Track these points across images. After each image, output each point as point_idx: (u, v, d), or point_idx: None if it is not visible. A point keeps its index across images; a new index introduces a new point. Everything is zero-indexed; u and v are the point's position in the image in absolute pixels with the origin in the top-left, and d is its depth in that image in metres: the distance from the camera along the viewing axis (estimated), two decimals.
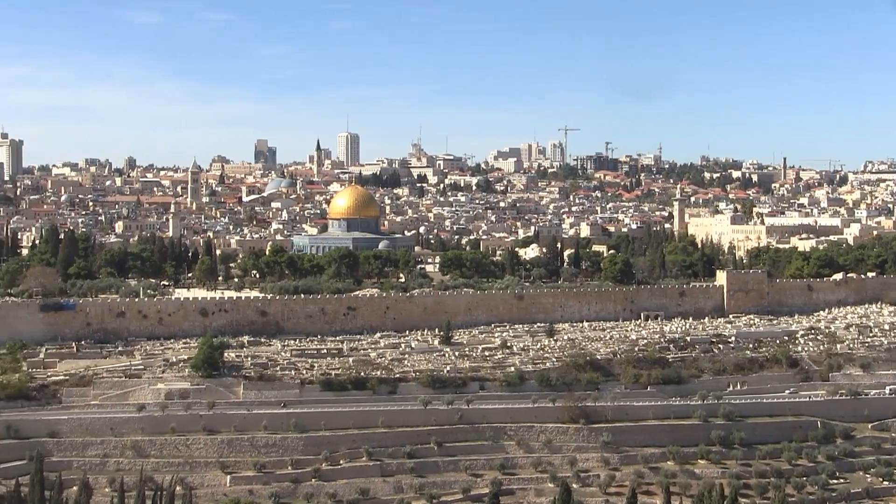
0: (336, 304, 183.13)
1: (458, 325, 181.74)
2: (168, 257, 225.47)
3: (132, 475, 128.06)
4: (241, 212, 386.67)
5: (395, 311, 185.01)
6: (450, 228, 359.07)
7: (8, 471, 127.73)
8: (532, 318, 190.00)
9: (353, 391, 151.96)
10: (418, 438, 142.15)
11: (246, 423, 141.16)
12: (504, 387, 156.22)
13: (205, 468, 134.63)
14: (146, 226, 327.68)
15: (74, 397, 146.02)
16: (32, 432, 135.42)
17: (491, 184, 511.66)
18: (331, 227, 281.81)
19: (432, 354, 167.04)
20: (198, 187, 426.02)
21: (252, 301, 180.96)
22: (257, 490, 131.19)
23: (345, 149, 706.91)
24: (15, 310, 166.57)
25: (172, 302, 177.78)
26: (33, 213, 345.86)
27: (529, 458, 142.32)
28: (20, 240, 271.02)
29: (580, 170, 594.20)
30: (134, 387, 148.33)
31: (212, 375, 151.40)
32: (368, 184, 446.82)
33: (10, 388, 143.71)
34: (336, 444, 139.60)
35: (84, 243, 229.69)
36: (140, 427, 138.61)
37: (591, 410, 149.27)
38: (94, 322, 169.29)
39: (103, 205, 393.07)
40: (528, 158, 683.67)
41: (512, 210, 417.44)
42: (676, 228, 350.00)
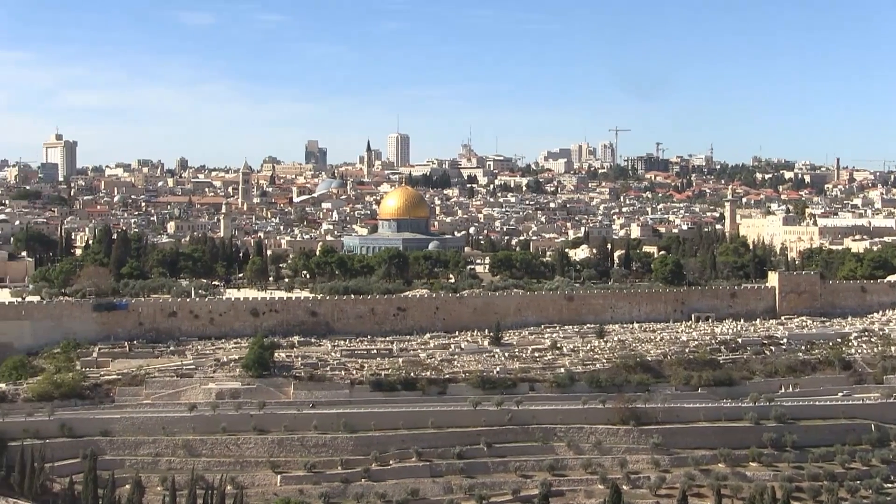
0: (386, 304, 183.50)
1: (508, 326, 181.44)
2: (219, 258, 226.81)
3: (183, 474, 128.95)
4: (292, 212, 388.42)
5: (445, 311, 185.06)
6: (500, 229, 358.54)
7: (62, 469, 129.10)
8: (582, 319, 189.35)
9: (403, 392, 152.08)
10: (468, 439, 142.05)
11: (296, 423, 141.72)
12: (554, 388, 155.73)
13: (255, 468, 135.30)
14: (198, 226, 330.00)
15: (127, 396, 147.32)
16: (86, 431, 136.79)
17: (541, 184, 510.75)
18: (381, 227, 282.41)
19: (482, 355, 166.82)
20: (249, 188, 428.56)
21: (302, 301, 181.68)
22: (307, 490, 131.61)
23: (395, 149, 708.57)
24: (69, 309, 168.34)
25: (223, 302, 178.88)
26: (87, 214, 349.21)
27: (579, 459, 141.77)
28: (74, 240, 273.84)
29: (631, 170, 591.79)
30: (185, 386, 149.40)
31: (262, 375, 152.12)
32: (418, 184, 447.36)
33: (64, 386, 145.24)
34: (386, 444, 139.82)
35: (136, 243, 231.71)
36: (191, 426, 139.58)
37: (641, 412, 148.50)
38: (147, 322, 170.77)
39: (155, 205, 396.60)
40: (579, 159, 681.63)
41: (562, 211, 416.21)
42: (728, 229, 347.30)
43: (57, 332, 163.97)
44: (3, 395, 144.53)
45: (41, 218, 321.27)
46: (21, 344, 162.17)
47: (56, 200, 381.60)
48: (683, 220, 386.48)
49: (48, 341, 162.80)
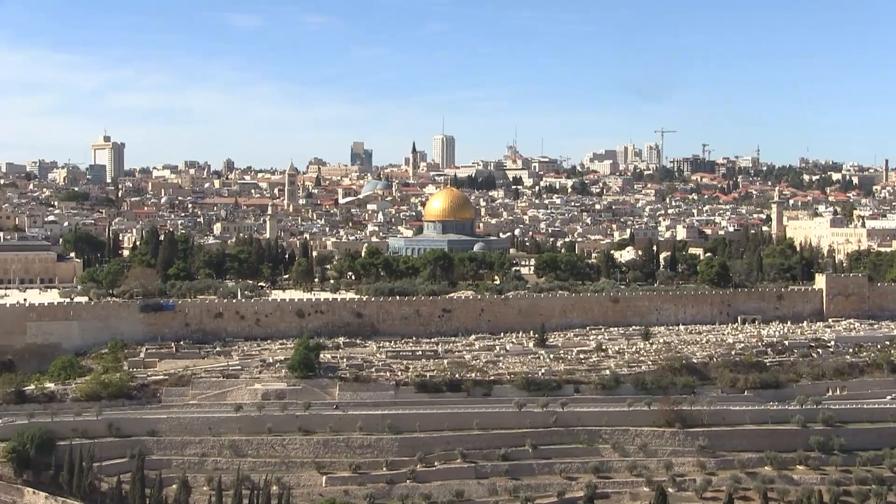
0: (431, 305, 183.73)
1: (553, 328, 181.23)
2: (265, 259, 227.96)
3: (230, 474, 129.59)
4: (338, 214, 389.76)
5: (490, 313, 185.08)
6: (545, 231, 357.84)
7: (109, 468, 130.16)
8: (627, 320, 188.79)
9: (448, 393, 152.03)
10: (513, 441, 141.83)
11: (341, 424, 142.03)
12: (599, 390, 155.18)
13: (301, 468, 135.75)
14: (244, 227, 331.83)
15: (174, 397, 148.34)
16: (133, 431, 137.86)
17: (586, 186, 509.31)
18: (426, 229, 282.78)
19: (527, 357, 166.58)
20: (295, 189, 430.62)
21: (348, 302, 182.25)
22: (353, 490, 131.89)
23: (440, 151, 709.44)
24: (116, 310, 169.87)
25: (269, 303, 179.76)
26: (134, 215, 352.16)
27: (625, 461, 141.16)
28: (121, 241, 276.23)
29: (676, 172, 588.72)
30: (231, 387, 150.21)
31: (308, 376, 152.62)
32: (464, 186, 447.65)
33: (112, 386, 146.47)
34: (431, 445, 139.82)
35: (183, 244, 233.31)
36: (237, 427, 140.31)
37: (686, 414, 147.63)
38: (193, 322, 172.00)
39: (202, 206, 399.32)
40: (624, 160, 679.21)
41: (607, 212, 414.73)
42: (774, 231, 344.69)
43: (105, 333, 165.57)
44: (52, 394, 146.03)
45: (89, 219, 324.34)
46: (69, 344, 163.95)
47: (104, 202, 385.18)
48: (729, 222, 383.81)
49: (96, 342, 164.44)
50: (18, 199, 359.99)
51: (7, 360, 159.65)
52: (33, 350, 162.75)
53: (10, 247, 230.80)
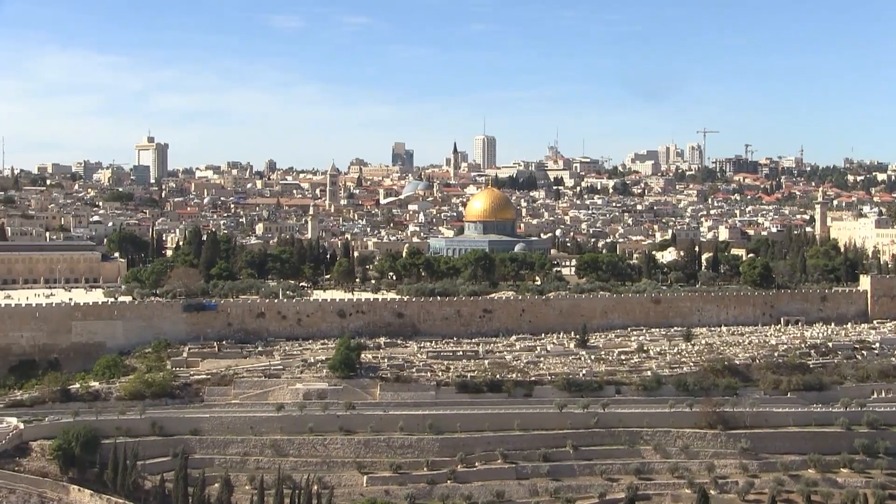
0: (472, 306, 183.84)
1: (594, 329, 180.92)
2: (307, 259, 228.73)
3: (271, 474, 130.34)
4: (379, 214, 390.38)
5: (531, 313, 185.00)
6: (586, 231, 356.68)
7: (153, 467, 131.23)
8: (669, 321, 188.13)
9: (489, 393, 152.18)
10: (554, 442, 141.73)
11: (382, 424, 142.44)
12: (640, 391, 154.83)
13: (342, 468, 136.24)
14: (285, 228, 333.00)
15: (216, 396, 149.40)
16: (176, 430, 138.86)
17: (628, 186, 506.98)
18: (467, 229, 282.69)
19: (568, 357, 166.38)
20: (336, 190, 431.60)
21: (389, 303, 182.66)
22: (393, 491, 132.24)
23: (481, 151, 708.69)
24: (160, 310, 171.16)
25: (311, 303, 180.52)
26: (177, 215, 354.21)
27: (666, 463, 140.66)
28: (165, 241, 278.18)
29: (719, 172, 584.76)
30: (273, 386, 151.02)
31: (349, 376, 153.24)
32: (505, 186, 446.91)
33: (156, 385, 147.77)
34: (471, 446, 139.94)
35: (225, 245, 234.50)
36: (279, 426, 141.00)
37: (729, 416, 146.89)
38: (235, 322, 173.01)
39: (244, 207, 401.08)
40: (666, 161, 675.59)
41: (649, 213, 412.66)
42: (818, 232, 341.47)
43: (148, 332, 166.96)
44: (97, 393, 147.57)
45: (133, 219, 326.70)
46: (113, 343, 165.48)
47: (148, 202, 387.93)
48: (772, 223, 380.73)
49: (140, 341, 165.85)
50: (64, 200, 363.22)
51: (53, 358, 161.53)
52: (78, 349, 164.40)
53: (56, 247, 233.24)
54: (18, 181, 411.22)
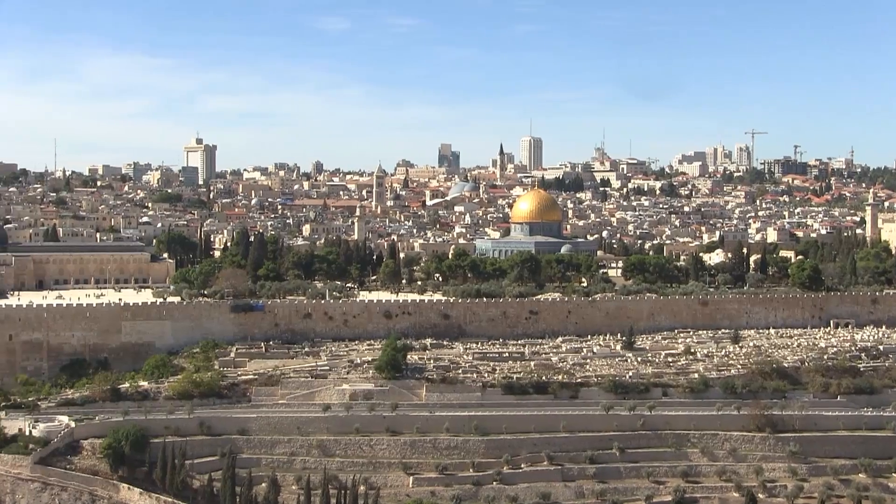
0: (518, 307, 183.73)
1: (641, 331, 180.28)
2: (353, 260, 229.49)
3: (318, 474, 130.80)
4: (425, 215, 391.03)
5: (577, 315, 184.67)
6: (633, 233, 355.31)
7: (201, 466, 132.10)
8: (716, 324, 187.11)
9: (535, 395, 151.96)
10: (600, 444, 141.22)
11: (428, 425, 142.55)
12: (687, 393, 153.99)
13: (388, 468, 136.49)
14: (332, 229, 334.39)
15: (263, 396, 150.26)
16: (224, 429, 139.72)
17: (675, 188, 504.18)
18: (513, 230, 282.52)
19: (614, 359, 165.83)
20: (382, 191, 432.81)
21: (435, 304, 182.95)
22: (439, 492, 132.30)
23: (528, 153, 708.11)
24: (208, 310, 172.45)
25: (357, 304, 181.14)
26: (225, 216, 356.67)
27: (714, 466, 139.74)
28: (213, 242, 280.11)
29: (767, 174, 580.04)
30: (320, 387, 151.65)
31: (395, 377, 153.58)
32: (551, 188, 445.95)
33: (203, 385, 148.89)
34: (517, 447, 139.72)
35: (273, 246, 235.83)
36: (325, 427, 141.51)
37: (777, 419, 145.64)
38: (282, 323, 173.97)
39: (291, 208, 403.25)
40: (714, 162, 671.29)
41: (696, 214, 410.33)
42: (869, 234, 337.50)
43: (196, 333, 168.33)
44: (146, 393, 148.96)
45: (182, 220, 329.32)
46: (162, 343, 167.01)
47: (196, 203, 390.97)
48: (822, 225, 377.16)
49: (188, 341, 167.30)
50: (114, 201, 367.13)
51: (103, 358, 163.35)
52: (128, 349, 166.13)
53: (107, 247, 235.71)
54: (70, 183, 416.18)
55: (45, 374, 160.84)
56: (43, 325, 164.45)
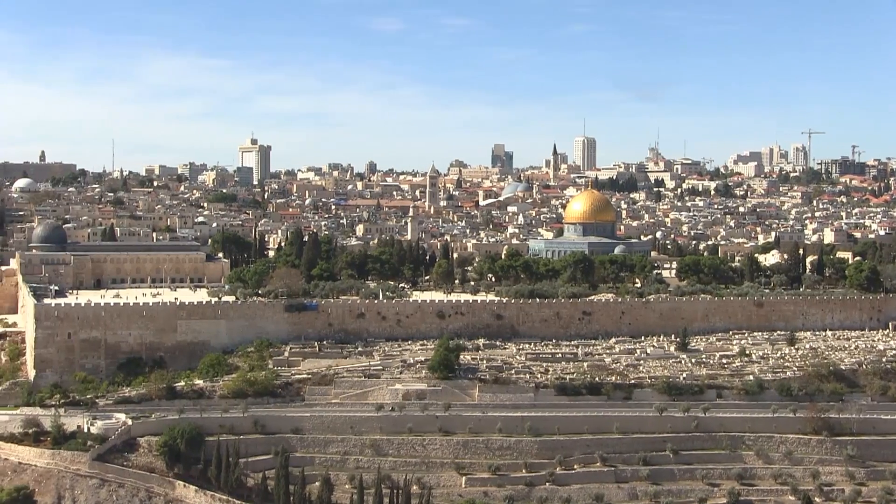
0: (571, 308, 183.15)
1: (695, 332, 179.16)
2: (406, 260, 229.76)
3: (371, 473, 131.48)
4: (478, 216, 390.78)
5: (631, 316, 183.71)
6: (687, 233, 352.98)
7: (255, 464, 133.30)
8: (772, 325, 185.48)
9: (588, 396, 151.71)
10: (653, 445, 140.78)
11: (481, 425, 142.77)
12: (742, 395, 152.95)
13: (440, 468, 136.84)
14: (385, 229, 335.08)
15: (316, 395, 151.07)
16: (277, 428, 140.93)
17: (730, 188, 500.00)
18: (566, 231, 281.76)
19: (668, 361, 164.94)
20: (436, 191, 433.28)
21: (488, 304, 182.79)
22: (492, 492, 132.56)
23: (581, 153, 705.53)
24: (262, 310, 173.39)
25: (410, 304, 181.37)
26: (279, 216, 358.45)
27: (769, 469, 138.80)
28: (267, 242, 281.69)
29: (824, 174, 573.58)
30: (373, 386, 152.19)
31: (448, 377, 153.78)
32: (605, 188, 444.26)
33: (258, 384, 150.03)
34: (570, 448, 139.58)
35: (326, 246, 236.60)
36: (378, 426, 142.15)
37: (834, 422, 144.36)
38: (336, 322, 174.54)
39: (345, 208, 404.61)
40: (770, 162, 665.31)
41: (752, 215, 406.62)
42: None
43: (251, 332, 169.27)
44: (201, 391, 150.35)
45: (237, 220, 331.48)
46: (217, 342, 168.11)
47: (251, 203, 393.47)
48: (880, 226, 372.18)
49: (242, 340, 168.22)
50: (170, 201, 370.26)
51: (159, 356, 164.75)
52: (183, 347, 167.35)
53: (163, 247, 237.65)
54: (127, 183, 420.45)
55: (102, 371, 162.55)
56: (101, 324, 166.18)
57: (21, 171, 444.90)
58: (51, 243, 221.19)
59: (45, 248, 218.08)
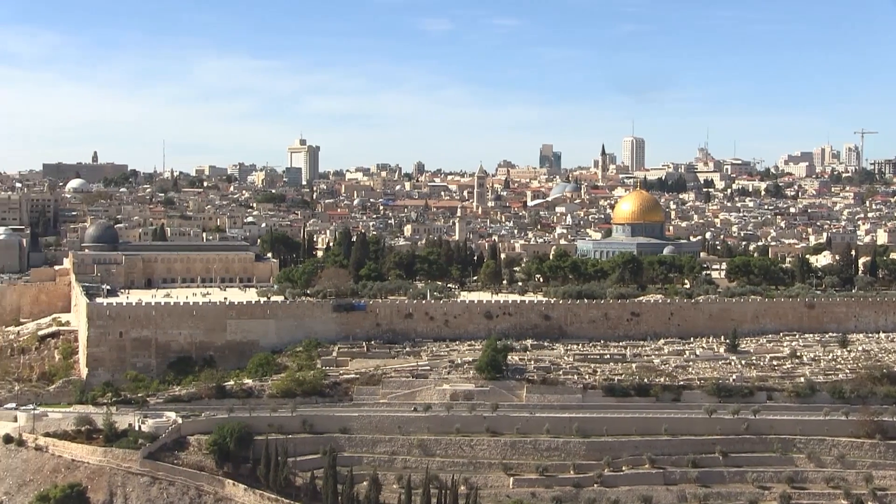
0: (619, 309, 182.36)
1: (745, 333, 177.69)
2: (454, 260, 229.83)
3: (418, 473, 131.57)
4: (526, 216, 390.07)
5: (680, 317, 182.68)
6: (737, 234, 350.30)
7: (304, 464, 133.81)
8: (823, 327, 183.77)
9: (636, 397, 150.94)
10: (702, 447, 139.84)
11: (529, 426, 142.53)
12: (793, 398, 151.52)
13: (488, 469, 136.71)
14: (433, 229, 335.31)
15: (364, 395, 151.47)
16: (326, 428, 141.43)
17: (781, 189, 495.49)
18: (615, 231, 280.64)
19: (717, 362, 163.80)
20: (484, 191, 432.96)
21: (535, 305, 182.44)
22: (539, 493, 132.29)
23: (630, 153, 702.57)
24: (310, 309, 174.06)
25: (458, 304, 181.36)
26: (328, 217, 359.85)
27: (821, 472, 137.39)
28: (316, 242, 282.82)
29: (877, 174, 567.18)
30: (420, 387, 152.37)
31: (495, 378, 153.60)
32: (653, 188, 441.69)
33: (306, 384, 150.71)
34: (618, 450, 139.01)
35: (374, 246, 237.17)
36: (426, 426, 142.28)
37: (888, 425, 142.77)
38: (384, 323, 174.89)
39: (393, 208, 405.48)
40: (821, 163, 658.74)
41: (803, 216, 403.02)
42: None
43: (299, 332, 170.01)
44: (250, 390, 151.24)
45: (285, 220, 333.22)
46: (266, 342, 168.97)
47: (299, 203, 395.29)
48: None
49: (291, 340, 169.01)
50: (220, 201, 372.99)
51: (208, 356, 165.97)
52: (233, 347, 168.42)
53: (212, 247, 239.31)
54: (177, 183, 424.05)
55: (153, 370, 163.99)
56: (152, 323, 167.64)
57: (74, 171, 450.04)
58: (103, 243, 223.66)
59: (97, 248, 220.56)
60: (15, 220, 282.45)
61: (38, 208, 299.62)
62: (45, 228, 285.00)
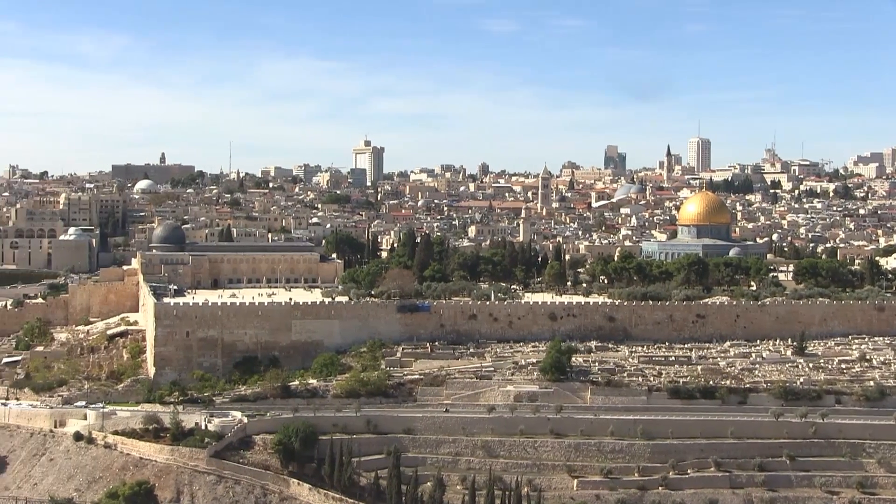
0: (685, 311, 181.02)
1: (813, 336, 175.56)
2: (518, 262, 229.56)
3: (482, 474, 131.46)
4: (591, 217, 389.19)
5: (746, 319, 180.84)
6: (804, 236, 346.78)
7: (368, 464, 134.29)
8: (893, 330, 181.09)
9: (702, 400, 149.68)
10: (769, 451, 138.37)
11: (593, 428, 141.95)
12: (862, 401, 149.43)
13: (552, 471, 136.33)
14: (497, 230, 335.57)
15: (428, 396, 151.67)
16: (390, 428, 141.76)
17: (850, 190, 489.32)
18: (680, 233, 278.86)
19: (784, 365, 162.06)
20: (548, 192, 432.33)
21: (600, 306, 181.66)
22: (604, 495, 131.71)
23: (695, 154, 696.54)
24: (375, 310, 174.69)
25: (522, 306, 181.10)
26: (392, 218, 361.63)
27: (891, 477, 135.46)
28: (380, 243, 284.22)
29: None
30: (484, 388, 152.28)
31: (559, 379, 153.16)
32: (719, 190, 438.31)
33: (371, 384, 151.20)
34: (683, 452, 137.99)
35: (439, 247, 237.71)
36: (490, 427, 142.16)
37: None
38: (448, 324, 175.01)
39: (457, 209, 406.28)
40: (892, 163, 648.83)
41: (873, 217, 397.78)
42: None
43: (363, 332, 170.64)
44: (315, 390, 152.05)
45: (350, 221, 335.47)
46: (330, 342, 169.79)
47: (364, 204, 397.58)
48: None
49: (355, 340, 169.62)
50: (285, 202, 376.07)
51: (273, 355, 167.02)
52: (297, 347, 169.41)
53: (278, 247, 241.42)
54: (244, 184, 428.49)
55: (219, 370, 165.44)
56: (218, 323, 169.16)
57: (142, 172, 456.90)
58: (170, 243, 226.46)
59: (164, 248, 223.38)
60: (85, 220, 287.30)
61: (107, 209, 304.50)
62: (114, 229, 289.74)
